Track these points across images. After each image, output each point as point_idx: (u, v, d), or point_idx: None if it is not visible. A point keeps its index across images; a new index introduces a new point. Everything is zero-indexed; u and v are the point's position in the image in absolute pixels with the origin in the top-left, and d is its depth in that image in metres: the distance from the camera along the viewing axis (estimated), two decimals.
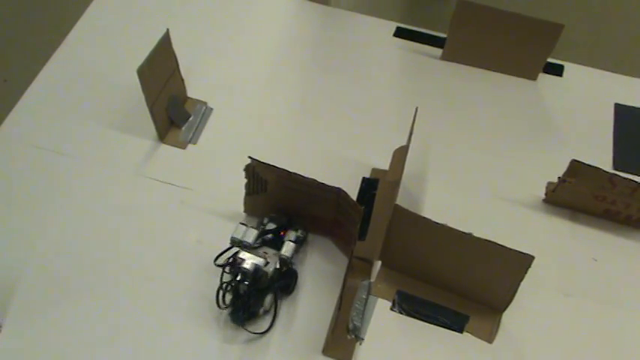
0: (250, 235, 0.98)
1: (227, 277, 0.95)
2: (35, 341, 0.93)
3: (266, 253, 0.97)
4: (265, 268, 0.95)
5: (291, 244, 0.98)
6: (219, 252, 0.99)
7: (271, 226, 1.01)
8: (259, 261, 0.95)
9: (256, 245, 0.98)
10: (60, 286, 0.99)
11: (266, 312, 0.96)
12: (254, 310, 0.95)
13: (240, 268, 0.94)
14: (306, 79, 1.29)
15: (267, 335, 0.95)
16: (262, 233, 0.99)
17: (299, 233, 1.01)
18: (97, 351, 0.93)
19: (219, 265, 0.98)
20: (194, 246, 1.03)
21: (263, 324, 0.96)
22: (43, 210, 1.07)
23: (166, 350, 0.93)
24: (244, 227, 0.98)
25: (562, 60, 1.34)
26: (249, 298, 0.93)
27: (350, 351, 0.94)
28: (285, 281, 0.98)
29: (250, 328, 0.95)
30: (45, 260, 1.01)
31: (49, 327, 0.95)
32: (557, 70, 1.33)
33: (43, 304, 0.97)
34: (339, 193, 0.95)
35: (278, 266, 0.96)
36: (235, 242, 0.98)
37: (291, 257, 0.97)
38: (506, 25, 1.23)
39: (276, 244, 0.99)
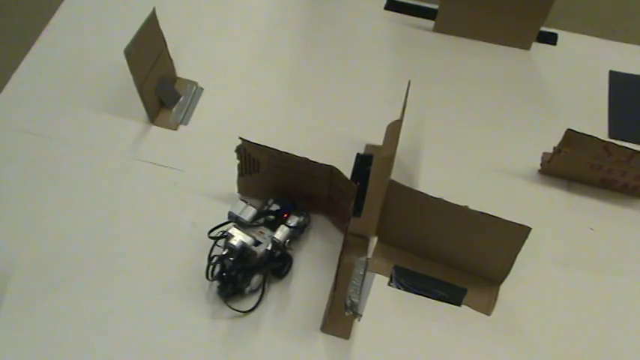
0: (248, 213, 0.97)
1: (218, 251, 0.95)
2: (31, 327, 0.93)
3: (262, 233, 0.96)
4: (256, 248, 0.94)
5: (286, 228, 0.97)
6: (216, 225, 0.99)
7: (275, 207, 1.00)
8: (248, 240, 0.94)
9: (255, 224, 0.97)
10: (54, 271, 0.98)
11: (253, 291, 0.96)
12: (240, 287, 0.94)
13: (227, 243, 0.94)
14: (297, 56, 1.27)
15: (267, 314, 0.95)
16: (263, 213, 0.99)
17: (301, 219, 0.99)
18: (91, 333, 0.93)
19: (212, 238, 0.98)
20: (188, 228, 1.02)
21: (250, 303, 0.95)
22: (34, 195, 1.06)
23: (159, 330, 0.93)
24: (244, 204, 0.98)
25: (556, 28, 1.32)
26: (234, 275, 0.93)
27: (348, 327, 0.94)
28: (277, 264, 0.97)
29: (236, 306, 0.94)
30: (38, 246, 1.00)
31: (45, 312, 0.94)
32: (551, 39, 1.31)
33: (38, 289, 0.96)
34: (331, 170, 0.94)
35: (269, 248, 0.95)
36: (232, 217, 0.97)
37: (284, 242, 0.96)
38: None
39: (277, 226, 0.97)
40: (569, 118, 1.18)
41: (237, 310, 0.94)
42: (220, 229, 0.98)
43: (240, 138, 0.96)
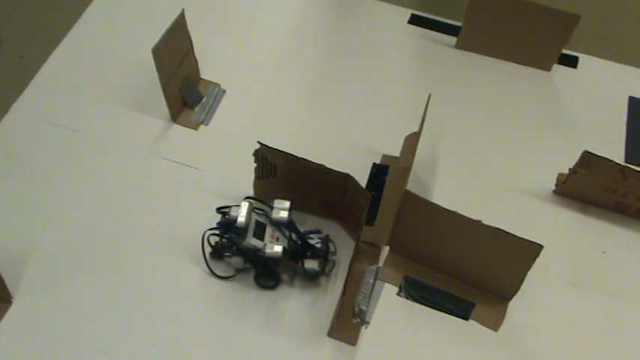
0: (280, 214, 0.95)
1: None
2: (45, 314, 0.95)
3: (277, 238, 0.96)
4: (249, 236, 0.93)
5: (279, 252, 0.93)
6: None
7: (315, 242, 0.97)
8: (241, 220, 0.92)
9: (283, 230, 0.97)
10: (71, 260, 1.00)
11: (229, 265, 0.98)
12: (220, 252, 0.98)
13: (230, 209, 0.95)
14: (320, 64, 1.29)
15: (275, 316, 0.96)
16: (295, 229, 0.97)
17: (316, 267, 0.96)
18: (103, 321, 0.94)
19: (246, 199, 0.97)
20: (205, 226, 1.04)
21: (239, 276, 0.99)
22: (56, 185, 1.08)
23: (168, 321, 0.95)
24: (287, 205, 0.96)
25: (577, 51, 1.33)
26: (224, 235, 0.96)
27: (355, 334, 0.95)
28: (261, 270, 0.97)
29: (220, 270, 0.98)
30: (57, 235, 1.02)
31: (60, 300, 0.96)
32: (571, 62, 1.32)
33: (54, 277, 0.98)
34: (347, 178, 0.96)
35: (258, 248, 0.93)
36: (270, 205, 0.97)
37: (271, 258, 0.94)
38: (522, 14, 1.22)
39: (297, 253, 0.96)
40: (586, 140, 1.18)
41: (209, 268, 0.98)
42: (252, 201, 0.97)
43: (259, 142, 0.97)
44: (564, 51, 1.28)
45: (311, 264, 0.96)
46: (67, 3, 1.35)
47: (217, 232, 0.97)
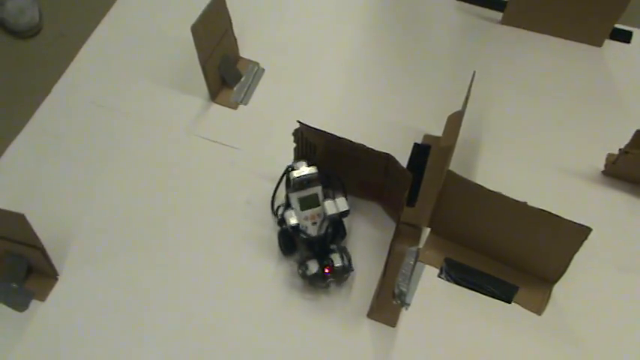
0: (328, 207, 0.94)
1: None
2: (91, 290, 0.97)
3: (315, 223, 0.94)
4: (295, 194, 0.95)
5: (290, 224, 0.93)
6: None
7: (337, 256, 0.94)
8: (293, 173, 0.94)
9: (327, 220, 0.95)
10: (114, 237, 1.02)
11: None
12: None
13: (300, 162, 0.96)
14: (360, 41, 1.27)
15: (316, 297, 0.96)
16: (334, 233, 0.96)
17: (312, 271, 0.93)
18: (147, 301, 0.96)
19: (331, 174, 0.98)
20: (243, 206, 1.04)
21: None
22: (98, 164, 1.10)
23: (206, 302, 0.95)
24: (341, 206, 0.94)
25: (631, 26, 1.27)
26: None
27: (395, 316, 0.94)
28: (282, 230, 0.99)
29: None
30: (100, 213, 1.04)
31: (104, 276, 0.98)
32: (625, 37, 1.26)
33: (98, 254, 1.00)
34: (388, 158, 0.94)
35: (289, 205, 0.95)
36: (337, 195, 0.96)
37: (289, 224, 0.93)
38: None
39: (314, 248, 0.94)
40: (639, 119, 1.13)
41: (272, 200, 1.02)
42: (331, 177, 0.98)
43: (299, 121, 0.96)
44: (617, 25, 1.23)
45: (312, 267, 0.94)
46: None
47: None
